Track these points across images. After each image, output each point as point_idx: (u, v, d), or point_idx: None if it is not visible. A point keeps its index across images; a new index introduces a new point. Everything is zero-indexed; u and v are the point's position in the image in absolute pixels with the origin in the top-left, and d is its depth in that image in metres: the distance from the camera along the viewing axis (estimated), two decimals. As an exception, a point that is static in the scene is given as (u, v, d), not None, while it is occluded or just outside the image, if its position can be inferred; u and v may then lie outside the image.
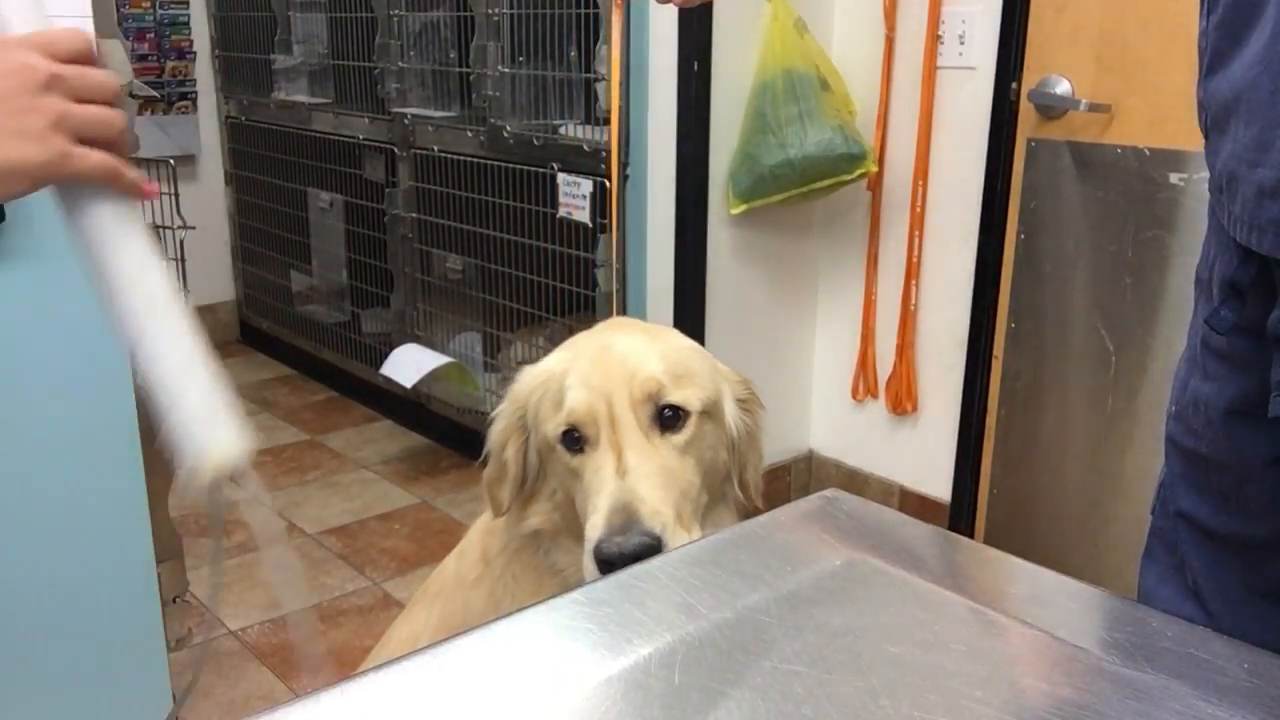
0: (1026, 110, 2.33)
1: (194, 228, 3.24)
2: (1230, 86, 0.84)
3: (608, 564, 0.95)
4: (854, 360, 2.81)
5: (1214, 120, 0.89)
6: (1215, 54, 0.87)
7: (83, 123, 0.74)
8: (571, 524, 1.08)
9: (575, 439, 1.04)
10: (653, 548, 0.94)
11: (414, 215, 3.32)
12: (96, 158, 0.74)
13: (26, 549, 1.58)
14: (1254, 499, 0.95)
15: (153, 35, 3.91)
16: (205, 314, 4.20)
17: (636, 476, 1.00)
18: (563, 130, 2.79)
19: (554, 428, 1.05)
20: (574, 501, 1.06)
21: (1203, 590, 1.01)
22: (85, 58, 0.75)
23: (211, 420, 0.76)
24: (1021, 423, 2.46)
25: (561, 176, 2.72)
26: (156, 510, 1.84)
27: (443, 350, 3.25)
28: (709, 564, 0.75)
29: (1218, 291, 0.92)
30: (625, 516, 0.97)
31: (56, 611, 1.61)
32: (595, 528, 0.98)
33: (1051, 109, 2.28)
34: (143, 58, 3.87)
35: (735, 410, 1.13)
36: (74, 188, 0.75)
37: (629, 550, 0.94)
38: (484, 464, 1.17)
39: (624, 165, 2.55)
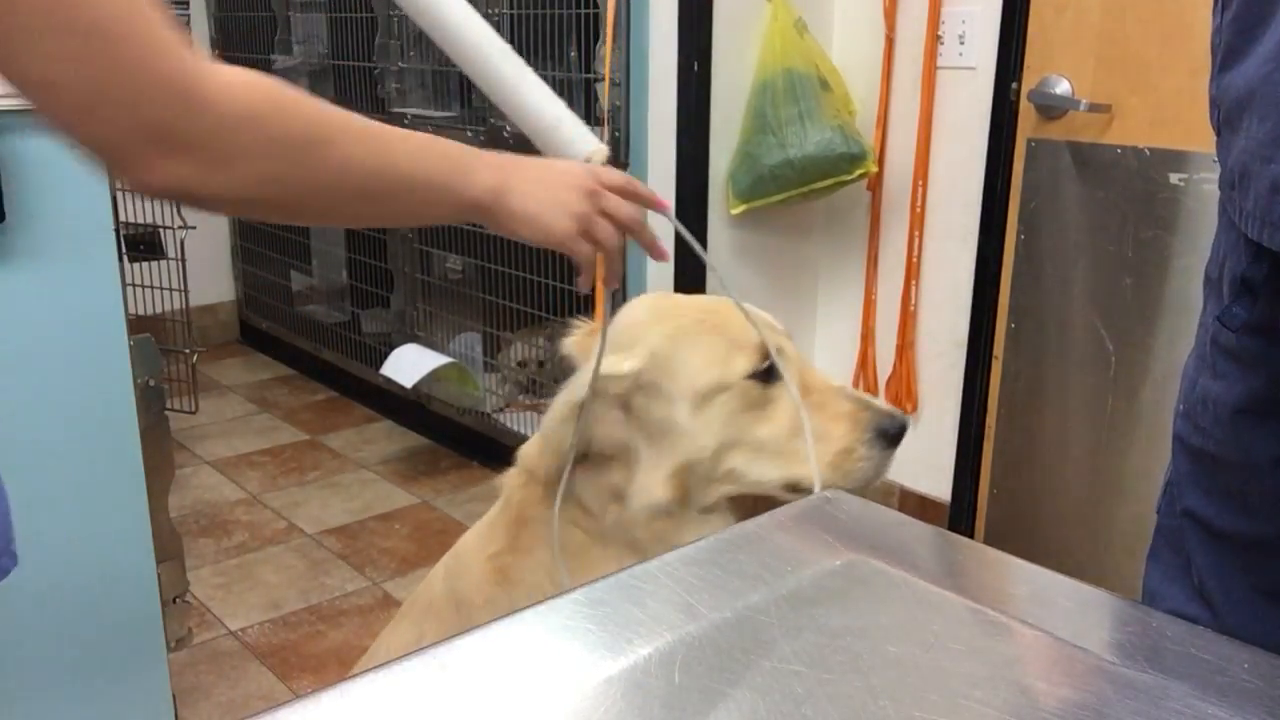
0: (1026, 110, 2.33)
1: (194, 227, 3.24)
2: (1244, 82, 0.84)
3: (894, 438, 1.12)
4: (854, 360, 2.81)
5: (1226, 117, 0.88)
6: (1229, 50, 0.87)
7: (601, 227, 1.00)
8: (710, 471, 1.12)
9: (766, 372, 1.12)
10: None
11: (414, 215, 3.32)
12: (608, 236, 1.02)
13: (26, 549, 1.58)
14: (1261, 498, 0.95)
15: (153, 35, 3.90)
16: (205, 314, 4.19)
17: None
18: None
19: (741, 368, 1.11)
20: (735, 439, 1.11)
21: (1208, 589, 1.01)
22: (625, 192, 1.04)
23: (585, 133, 1.10)
24: (1021, 423, 2.46)
25: (561, 176, 2.72)
26: (156, 510, 1.84)
27: (443, 350, 3.25)
28: (709, 564, 0.75)
29: (1228, 289, 0.92)
30: (874, 405, 1.14)
31: (56, 611, 1.62)
32: (871, 411, 1.12)
33: (1051, 109, 2.28)
34: (143, 58, 3.87)
35: None
36: None
37: (906, 423, 1.13)
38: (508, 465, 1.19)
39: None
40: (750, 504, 1.15)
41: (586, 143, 1.10)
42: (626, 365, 1.11)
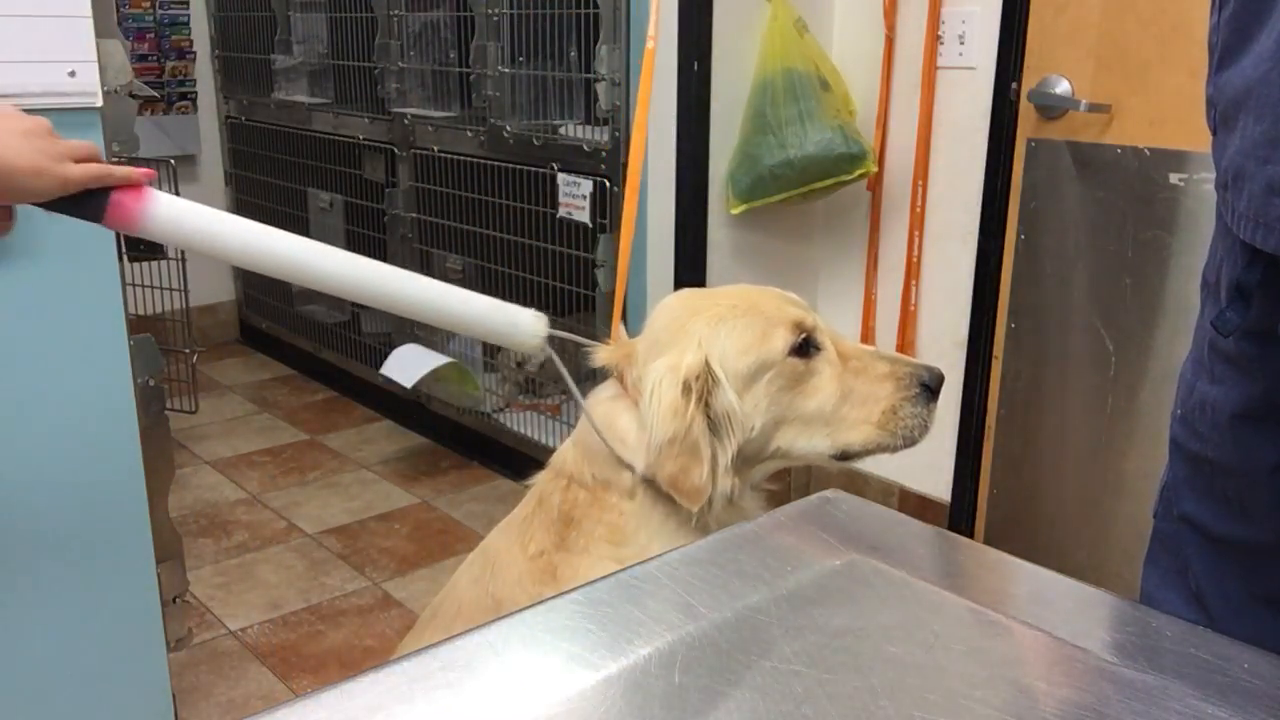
0: (1026, 110, 2.33)
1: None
2: (1241, 82, 0.83)
3: (934, 391, 1.17)
4: (854, 360, 2.81)
5: (1223, 116, 0.87)
6: (1226, 49, 0.86)
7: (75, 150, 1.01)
8: (760, 450, 1.17)
9: (806, 345, 1.16)
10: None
11: (414, 215, 3.32)
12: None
13: (26, 550, 1.58)
14: (1259, 504, 0.94)
15: (153, 35, 3.91)
16: (205, 314, 4.19)
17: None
18: (563, 130, 2.79)
19: (782, 345, 1.14)
20: (783, 416, 1.16)
21: (1205, 595, 1.00)
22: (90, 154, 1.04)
23: (510, 310, 1.13)
24: (1021, 423, 2.46)
25: (561, 176, 2.72)
26: (156, 510, 1.84)
27: (443, 350, 3.25)
28: (709, 564, 0.75)
29: (1224, 293, 0.91)
30: (911, 363, 1.19)
31: (56, 610, 1.62)
32: (909, 368, 1.18)
33: (1051, 109, 2.28)
34: (143, 58, 3.87)
35: None
36: None
37: (942, 374, 1.19)
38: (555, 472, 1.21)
39: (623, 165, 2.55)
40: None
41: (524, 314, 1.14)
42: (689, 358, 1.13)
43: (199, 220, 1.03)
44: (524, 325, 1.12)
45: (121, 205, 1.01)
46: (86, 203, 1.01)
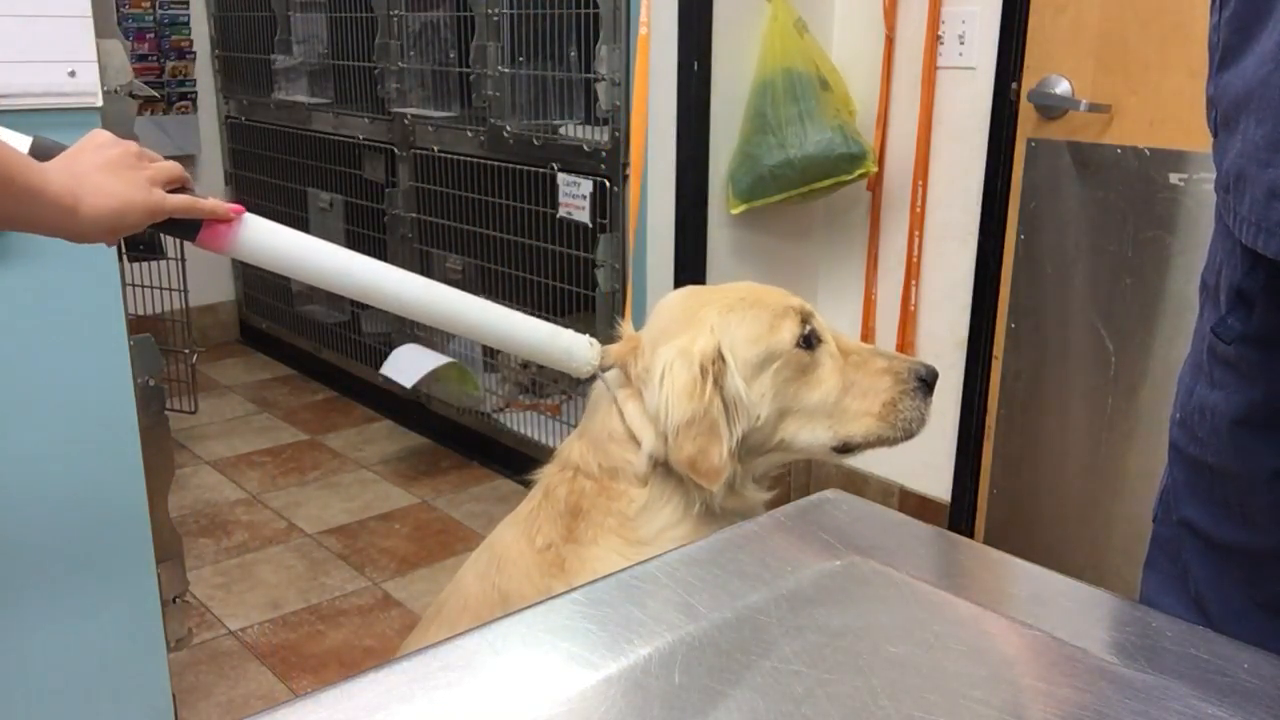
0: (1026, 110, 2.33)
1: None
2: (1242, 83, 0.81)
3: (930, 386, 1.23)
4: (854, 360, 2.81)
5: (1224, 118, 0.86)
6: (1226, 49, 0.85)
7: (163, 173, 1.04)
8: (764, 441, 1.19)
9: (810, 338, 1.20)
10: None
11: (414, 215, 3.32)
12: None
13: (26, 550, 1.58)
14: (1259, 510, 0.92)
15: (153, 35, 3.91)
16: (205, 314, 4.19)
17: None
18: (563, 130, 2.79)
19: (790, 336, 1.18)
20: (788, 406, 1.18)
21: (1205, 600, 0.99)
22: (181, 179, 1.08)
23: (565, 335, 1.21)
24: (1021, 423, 2.46)
25: (561, 176, 2.72)
26: (156, 510, 1.84)
27: (443, 350, 3.25)
28: (709, 564, 0.75)
29: (1225, 299, 0.89)
30: (907, 360, 1.24)
31: (56, 612, 1.62)
32: (907, 364, 1.23)
33: (1051, 109, 2.28)
34: (143, 58, 3.87)
35: None
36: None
37: (937, 371, 1.24)
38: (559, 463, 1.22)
39: (623, 165, 2.55)
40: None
41: (580, 341, 1.22)
42: (702, 342, 1.14)
43: (284, 245, 1.09)
44: (579, 353, 1.20)
45: (214, 229, 1.06)
46: (178, 225, 1.05)
